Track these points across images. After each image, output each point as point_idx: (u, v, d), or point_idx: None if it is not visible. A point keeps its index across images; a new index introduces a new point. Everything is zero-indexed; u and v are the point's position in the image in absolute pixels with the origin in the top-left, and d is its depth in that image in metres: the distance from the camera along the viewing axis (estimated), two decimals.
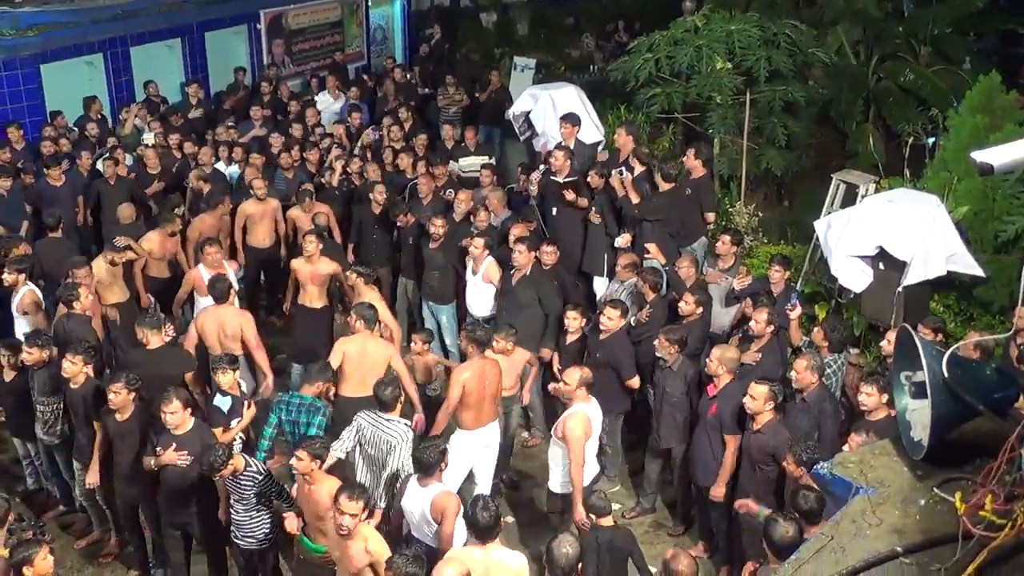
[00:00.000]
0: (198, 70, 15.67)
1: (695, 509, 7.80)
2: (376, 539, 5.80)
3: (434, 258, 9.61)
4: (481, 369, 7.48)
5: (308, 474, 6.12)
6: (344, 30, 18.56)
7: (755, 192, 12.06)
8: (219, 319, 8.33)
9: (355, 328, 7.94)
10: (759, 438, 6.62)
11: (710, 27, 11.53)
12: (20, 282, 8.71)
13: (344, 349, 7.86)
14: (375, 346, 7.93)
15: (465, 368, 7.51)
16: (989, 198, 8.94)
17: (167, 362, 7.76)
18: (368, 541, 5.72)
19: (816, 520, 5.55)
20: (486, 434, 7.65)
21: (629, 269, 8.85)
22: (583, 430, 6.91)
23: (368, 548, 5.69)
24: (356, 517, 5.61)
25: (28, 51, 13.36)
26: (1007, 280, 8.56)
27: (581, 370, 7.12)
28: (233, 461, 6.37)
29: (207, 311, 8.53)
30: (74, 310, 8.16)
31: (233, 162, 11.67)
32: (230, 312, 8.46)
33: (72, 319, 8.14)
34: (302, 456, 6.09)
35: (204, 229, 9.99)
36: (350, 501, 5.59)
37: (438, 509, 6.11)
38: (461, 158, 12.12)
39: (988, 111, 9.60)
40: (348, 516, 5.58)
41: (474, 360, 7.51)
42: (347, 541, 5.69)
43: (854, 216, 8.69)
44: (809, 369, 6.82)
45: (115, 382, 6.97)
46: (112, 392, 6.92)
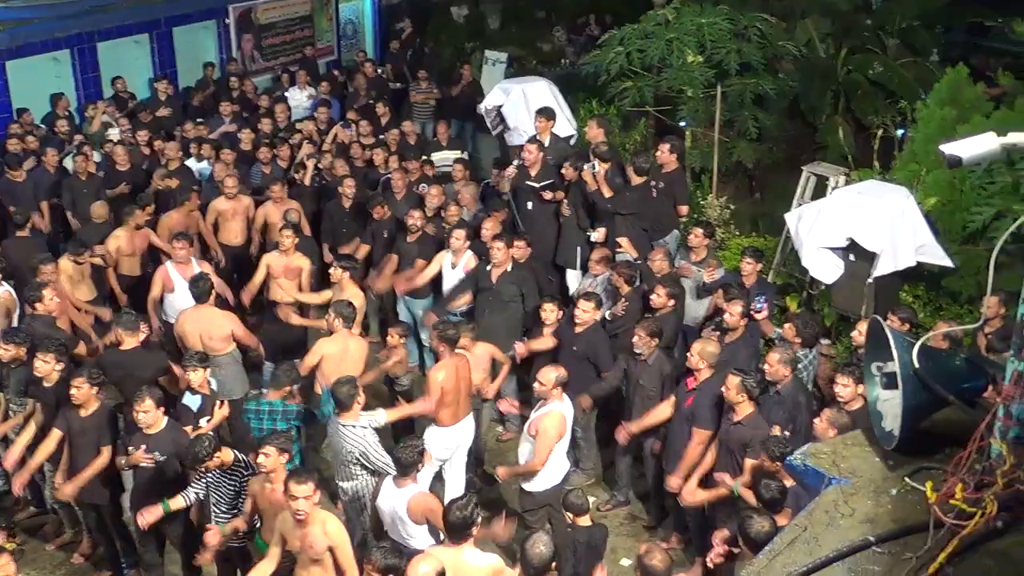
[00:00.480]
0: (167, 66, 15.51)
1: (669, 501, 7.83)
2: (334, 522, 5.79)
3: (409, 251, 9.57)
4: (455, 367, 7.48)
5: (274, 471, 6.07)
6: (314, 25, 18.43)
7: (727, 184, 12.09)
8: (202, 320, 8.25)
9: (333, 327, 7.88)
10: (739, 429, 6.64)
11: (681, 20, 11.54)
12: None
13: (324, 349, 7.82)
14: (355, 344, 7.91)
15: (440, 368, 7.48)
16: (957, 189, 9.03)
17: (141, 363, 7.68)
18: (326, 524, 5.71)
19: (779, 508, 5.61)
20: (462, 429, 7.66)
21: (602, 263, 8.88)
22: (557, 430, 6.91)
23: (326, 531, 5.68)
24: (309, 499, 5.58)
25: None
26: (975, 270, 8.65)
27: (556, 369, 7.10)
28: (221, 454, 6.32)
29: (188, 312, 8.41)
30: (37, 311, 8.07)
31: (203, 158, 11.56)
32: (214, 314, 8.37)
33: (37, 320, 8.06)
34: (269, 452, 6.03)
35: (172, 226, 9.89)
36: (299, 484, 5.55)
37: (420, 512, 6.10)
38: (433, 153, 12.09)
39: (956, 103, 9.68)
40: (301, 500, 5.53)
41: (447, 359, 7.49)
42: (305, 528, 5.67)
43: (824, 208, 8.75)
44: (781, 363, 6.85)
45: (77, 376, 6.88)
46: (74, 387, 6.82)
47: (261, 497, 6.23)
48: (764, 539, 5.20)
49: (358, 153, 11.70)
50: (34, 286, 8.18)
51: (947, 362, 3.49)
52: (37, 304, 8.07)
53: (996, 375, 3.30)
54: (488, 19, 21.05)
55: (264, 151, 11.39)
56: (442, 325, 7.71)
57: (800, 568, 2.93)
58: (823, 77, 12.60)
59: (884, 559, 2.90)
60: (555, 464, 7.10)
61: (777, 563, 3.03)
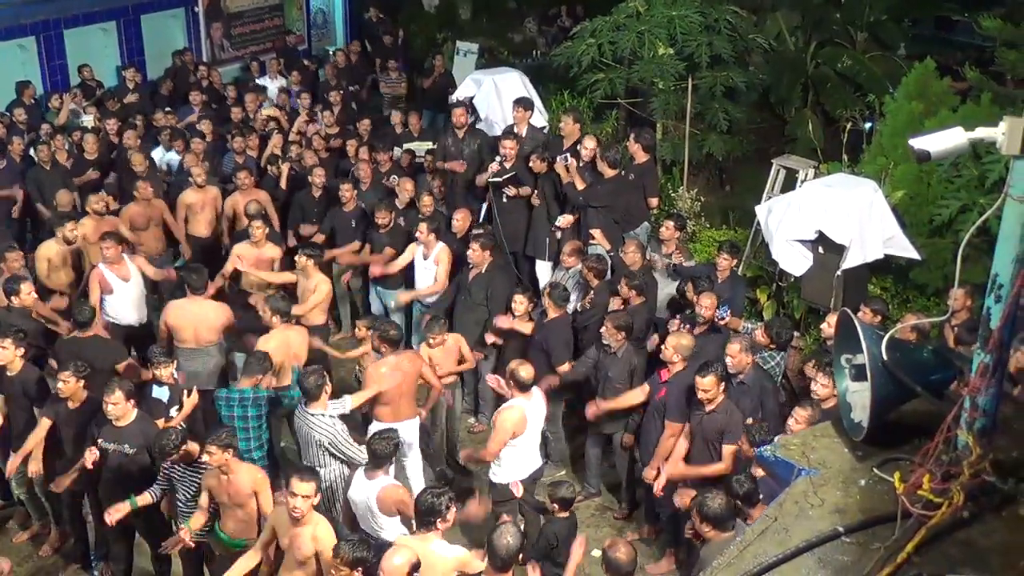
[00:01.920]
0: (134, 54, 15.33)
1: (640, 492, 7.87)
2: (325, 527, 5.75)
3: (380, 242, 9.54)
4: (397, 364, 7.44)
5: (224, 465, 6.06)
6: (284, 13, 18.29)
7: (697, 177, 12.13)
8: (197, 311, 8.23)
9: (271, 323, 7.84)
10: (713, 418, 6.69)
11: (652, 13, 11.56)
12: None
13: (267, 346, 7.71)
14: (295, 335, 7.91)
15: (382, 364, 7.45)
16: (924, 183, 9.10)
17: (96, 351, 7.60)
18: (318, 527, 5.68)
19: (754, 502, 5.66)
20: (405, 429, 7.44)
21: (574, 255, 8.88)
22: (512, 425, 6.88)
23: (316, 535, 5.64)
24: (308, 499, 5.56)
25: None
26: (942, 263, 8.74)
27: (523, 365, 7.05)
28: (188, 447, 6.30)
29: (181, 303, 8.35)
30: (13, 304, 7.99)
31: (171, 148, 11.44)
32: (209, 305, 8.35)
33: (13, 312, 7.97)
34: (213, 451, 6.03)
35: (132, 217, 9.79)
36: (301, 483, 5.54)
37: (391, 503, 6.10)
38: (406, 143, 12.04)
39: (923, 97, 9.75)
40: (300, 498, 5.52)
41: (390, 357, 7.45)
42: (298, 527, 5.63)
43: (794, 201, 8.81)
44: (743, 351, 6.91)
45: (63, 371, 6.88)
46: (61, 380, 6.84)
47: (218, 490, 6.21)
48: (723, 514, 5.31)
49: (319, 144, 11.61)
50: (12, 279, 8.09)
51: (915, 354, 3.54)
52: (13, 297, 7.98)
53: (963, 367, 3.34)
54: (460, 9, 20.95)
55: (238, 141, 11.28)
56: (383, 325, 7.69)
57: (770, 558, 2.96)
58: (792, 70, 12.66)
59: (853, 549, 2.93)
60: (523, 458, 7.10)
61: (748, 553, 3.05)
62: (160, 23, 15.94)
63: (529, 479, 7.12)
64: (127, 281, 8.82)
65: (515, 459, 7.06)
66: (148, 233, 9.87)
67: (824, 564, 2.91)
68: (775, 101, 12.83)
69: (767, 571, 2.93)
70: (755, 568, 2.95)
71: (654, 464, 7.10)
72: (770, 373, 7.28)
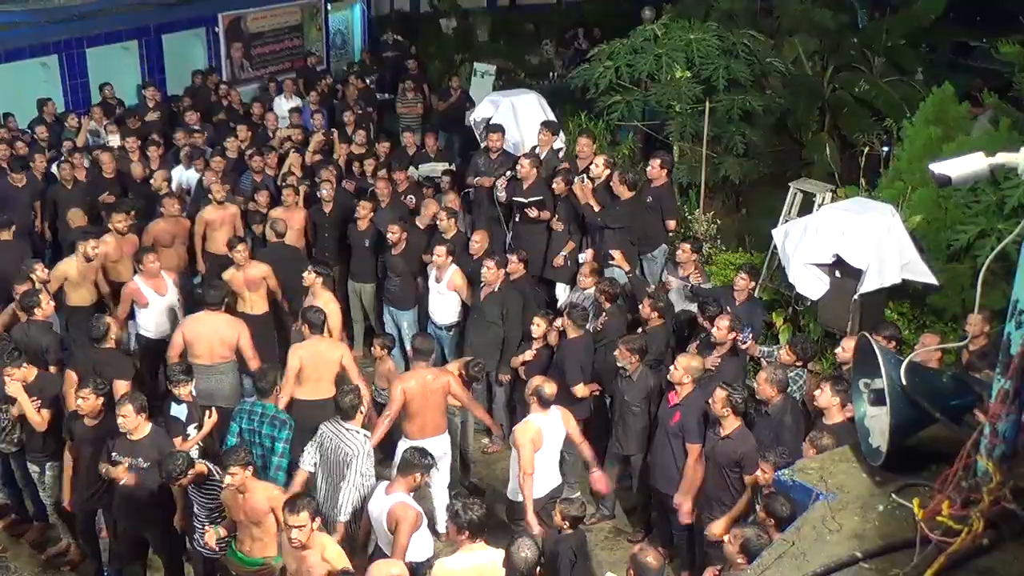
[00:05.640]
0: (155, 72, 15.48)
1: (654, 515, 7.84)
2: (334, 548, 5.78)
3: (396, 264, 9.57)
4: (424, 379, 7.46)
5: (241, 484, 6.09)
6: (304, 34, 18.45)
7: (713, 200, 12.15)
8: (214, 326, 8.24)
9: (304, 333, 7.92)
10: (727, 444, 6.66)
11: (669, 36, 11.63)
12: None
13: (297, 355, 7.82)
14: (328, 347, 7.92)
15: (409, 377, 7.49)
16: (942, 208, 9.08)
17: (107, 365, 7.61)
18: (326, 550, 5.69)
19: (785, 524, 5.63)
20: (434, 445, 7.41)
21: (592, 276, 8.88)
22: (529, 439, 6.89)
23: (325, 556, 5.66)
24: (304, 528, 5.57)
25: None
26: (959, 288, 8.70)
27: (543, 381, 7.08)
28: (196, 468, 6.31)
29: (199, 316, 8.37)
30: (35, 316, 8.03)
31: (191, 167, 11.53)
32: (227, 320, 8.36)
33: (33, 326, 8.02)
34: (235, 471, 6.05)
35: (157, 234, 9.85)
36: (293, 514, 5.56)
37: (392, 518, 6.10)
38: (421, 164, 12.11)
39: (941, 122, 9.75)
40: (295, 529, 5.55)
41: (417, 370, 7.48)
42: (303, 552, 5.66)
43: (811, 224, 8.79)
44: (768, 382, 6.86)
45: (83, 388, 6.91)
46: (80, 397, 6.87)
47: (235, 508, 6.24)
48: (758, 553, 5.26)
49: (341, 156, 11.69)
50: (30, 293, 8.13)
51: (934, 380, 3.51)
52: (36, 310, 8.03)
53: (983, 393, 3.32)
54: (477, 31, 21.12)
55: (256, 160, 11.37)
56: (419, 338, 7.72)
57: None
58: (810, 94, 12.69)
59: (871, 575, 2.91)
60: (541, 476, 7.09)
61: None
62: (181, 43, 16.11)
63: (547, 497, 7.10)
64: (163, 295, 8.89)
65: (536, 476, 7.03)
66: (171, 250, 9.91)
67: None
68: (792, 125, 12.86)
69: None
70: None
71: (687, 492, 7.02)
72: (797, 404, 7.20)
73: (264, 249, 9.79)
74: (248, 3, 17.40)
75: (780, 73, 12.31)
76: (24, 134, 12.37)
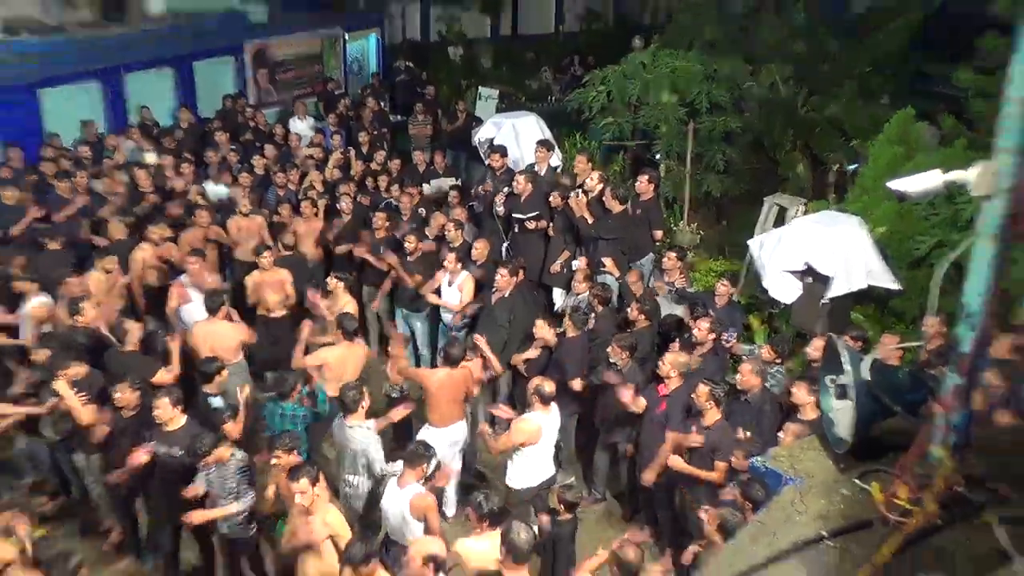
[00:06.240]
0: (188, 96, 15.51)
1: (642, 498, 7.85)
2: (335, 514, 5.88)
3: (411, 269, 9.57)
4: (449, 376, 7.53)
5: (287, 467, 6.13)
6: (323, 61, 18.49)
7: (696, 213, 12.18)
8: (214, 332, 8.26)
9: (337, 336, 7.93)
10: (708, 434, 6.69)
11: (657, 64, 11.66)
12: (33, 291, 8.58)
13: (325, 356, 7.84)
14: (357, 353, 7.94)
15: (435, 372, 7.54)
16: (903, 220, 9.12)
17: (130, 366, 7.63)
18: (327, 515, 5.79)
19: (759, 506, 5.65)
20: (454, 431, 7.67)
21: (585, 282, 8.91)
22: (525, 435, 6.93)
23: (326, 520, 5.76)
24: (305, 493, 5.71)
25: (28, 78, 13.17)
26: (919, 293, 8.73)
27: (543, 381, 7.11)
28: (218, 451, 6.35)
29: (200, 324, 8.39)
30: (78, 323, 8.06)
31: (220, 182, 11.56)
32: (224, 327, 8.37)
33: (78, 331, 8.04)
34: (279, 454, 6.18)
35: (191, 242, 9.85)
36: (293, 481, 5.74)
37: (419, 509, 6.11)
38: (432, 179, 12.13)
39: (903, 142, 9.79)
40: (298, 494, 5.71)
41: (445, 369, 7.55)
42: (308, 517, 5.77)
43: (784, 235, 8.83)
44: (753, 373, 6.94)
45: (120, 383, 6.97)
46: (118, 391, 6.93)
47: (284, 487, 6.25)
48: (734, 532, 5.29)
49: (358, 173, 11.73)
50: (75, 299, 8.16)
51: (894, 376, 3.54)
52: (78, 317, 8.05)
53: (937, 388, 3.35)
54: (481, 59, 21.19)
55: (280, 176, 11.43)
56: (448, 345, 7.76)
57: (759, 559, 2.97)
58: (784, 116, 12.71)
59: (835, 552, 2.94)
60: (537, 466, 7.13)
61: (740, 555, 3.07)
62: (212, 69, 16.13)
63: (543, 486, 7.12)
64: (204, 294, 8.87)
65: (530, 467, 7.09)
66: None
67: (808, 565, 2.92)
68: (768, 144, 12.88)
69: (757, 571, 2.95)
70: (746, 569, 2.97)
71: (654, 468, 7.10)
72: (775, 393, 7.24)
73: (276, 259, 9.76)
74: (273, 33, 17.47)
75: (757, 97, 12.34)
76: (68, 152, 12.40)
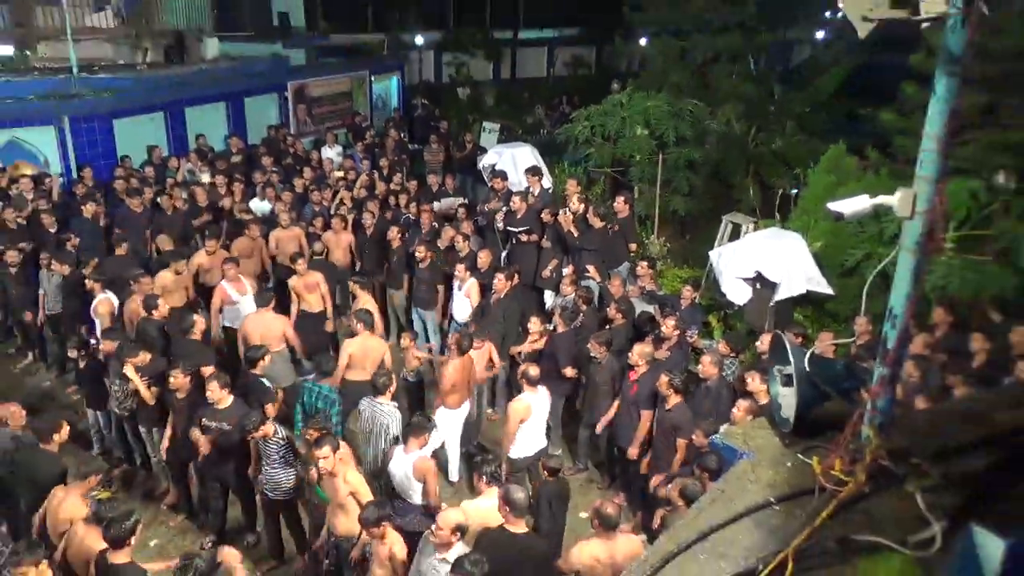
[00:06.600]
0: (238, 126, 15.52)
1: (617, 469, 7.85)
2: (354, 474, 5.86)
3: (423, 275, 9.60)
4: (461, 364, 7.54)
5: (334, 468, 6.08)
6: (353, 99, 18.50)
7: (665, 228, 12.21)
8: (263, 322, 8.24)
9: (356, 330, 7.91)
10: (669, 415, 6.69)
11: (632, 103, 11.70)
12: (98, 289, 8.56)
13: (350, 347, 7.82)
14: (374, 342, 7.92)
15: (450, 362, 7.54)
16: (837, 236, 9.15)
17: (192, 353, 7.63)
18: (347, 475, 5.78)
19: (717, 476, 5.64)
20: (463, 411, 7.70)
21: (571, 286, 8.91)
22: (519, 413, 6.92)
23: (347, 479, 5.75)
24: (328, 459, 5.68)
25: (103, 109, 13.16)
26: (850, 297, 8.76)
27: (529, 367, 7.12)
28: (264, 428, 6.33)
29: (252, 316, 8.36)
30: (152, 316, 8.04)
31: (265, 199, 11.54)
32: (272, 317, 8.35)
33: (150, 323, 8.04)
34: (311, 432, 6.15)
35: (241, 250, 9.84)
36: (317, 449, 5.72)
37: (420, 471, 6.10)
38: (443, 198, 12.12)
39: (836, 172, 9.82)
40: (321, 459, 5.68)
41: (457, 358, 7.54)
42: (333, 479, 5.77)
43: (738, 248, 8.85)
44: (712, 364, 6.93)
45: (174, 369, 6.94)
46: (173, 376, 6.90)
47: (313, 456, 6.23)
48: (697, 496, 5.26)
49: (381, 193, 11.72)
50: (152, 296, 8.14)
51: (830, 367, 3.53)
52: (153, 311, 8.04)
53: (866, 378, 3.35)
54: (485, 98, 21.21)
55: (315, 194, 11.42)
56: (459, 336, 7.75)
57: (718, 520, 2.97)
58: (738, 149, 12.75)
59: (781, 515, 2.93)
60: (531, 439, 7.11)
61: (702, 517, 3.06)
62: (259, 103, 16.16)
63: (536, 456, 7.12)
64: (243, 295, 8.87)
65: (525, 440, 7.07)
66: (251, 261, 9.89)
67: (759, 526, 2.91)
68: (724, 172, 12.92)
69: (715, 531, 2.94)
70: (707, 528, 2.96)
71: (636, 444, 7.09)
72: (730, 382, 7.25)
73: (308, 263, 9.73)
74: (310, 75, 17.48)
75: (716, 132, 12.36)
76: (137, 172, 12.39)
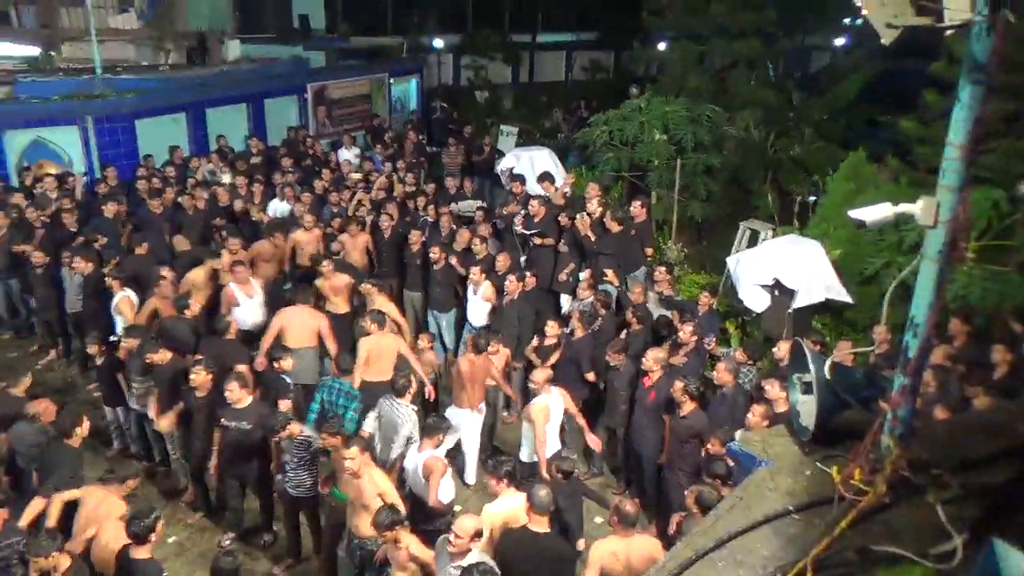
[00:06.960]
0: (259, 127, 15.64)
1: (633, 475, 7.83)
2: (380, 475, 5.88)
3: (438, 277, 9.62)
4: (471, 362, 7.56)
5: (335, 445, 6.14)
6: (372, 101, 18.59)
7: (682, 234, 12.18)
8: (303, 316, 8.29)
9: (370, 329, 7.95)
10: (685, 422, 6.68)
11: (651, 108, 11.68)
12: (117, 287, 8.65)
13: (366, 347, 7.87)
14: (387, 340, 7.96)
15: (463, 360, 7.56)
16: (856, 244, 9.10)
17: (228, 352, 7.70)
18: (373, 476, 5.81)
19: (727, 481, 5.63)
20: (474, 414, 7.69)
21: (589, 290, 8.90)
22: (543, 416, 6.93)
23: (374, 480, 5.78)
24: (355, 459, 5.69)
25: (126, 109, 13.30)
26: (869, 306, 8.72)
27: (545, 371, 7.15)
28: (290, 427, 6.38)
29: (293, 308, 8.38)
30: (184, 315, 8.11)
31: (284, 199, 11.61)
32: (311, 312, 8.41)
33: (181, 322, 8.10)
34: (325, 436, 6.18)
35: (260, 251, 9.88)
36: (346, 449, 5.74)
37: (427, 469, 6.14)
38: (461, 201, 12.16)
39: (855, 179, 9.77)
40: (348, 460, 5.70)
41: (471, 356, 7.57)
42: (358, 480, 5.78)
43: (756, 254, 8.82)
44: (727, 371, 6.91)
45: (196, 366, 6.97)
46: (194, 373, 6.93)
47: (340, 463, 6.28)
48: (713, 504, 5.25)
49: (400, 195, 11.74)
50: (183, 296, 8.17)
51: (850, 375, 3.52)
52: (185, 311, 8.10)
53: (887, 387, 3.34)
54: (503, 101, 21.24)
55: (333, 196, 11.47)
56: (476, 335, 7.77)
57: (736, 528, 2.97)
58: (756, 155, 12.72)
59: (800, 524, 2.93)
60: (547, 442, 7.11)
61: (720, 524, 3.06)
62: (279, 105, 16.28)
63: (552, 459, 7.11)
64: (251, 297, 8.92)
65: None
66: (269, 265, 9.93)
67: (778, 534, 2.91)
68: (743, 178, 12.88)
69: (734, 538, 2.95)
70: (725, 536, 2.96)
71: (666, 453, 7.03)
72: (746, 390, 7.22)
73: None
74: (330, 77, 17.58)
75: (734, 138, 12.33)
76: (159, 172, 12.49)
